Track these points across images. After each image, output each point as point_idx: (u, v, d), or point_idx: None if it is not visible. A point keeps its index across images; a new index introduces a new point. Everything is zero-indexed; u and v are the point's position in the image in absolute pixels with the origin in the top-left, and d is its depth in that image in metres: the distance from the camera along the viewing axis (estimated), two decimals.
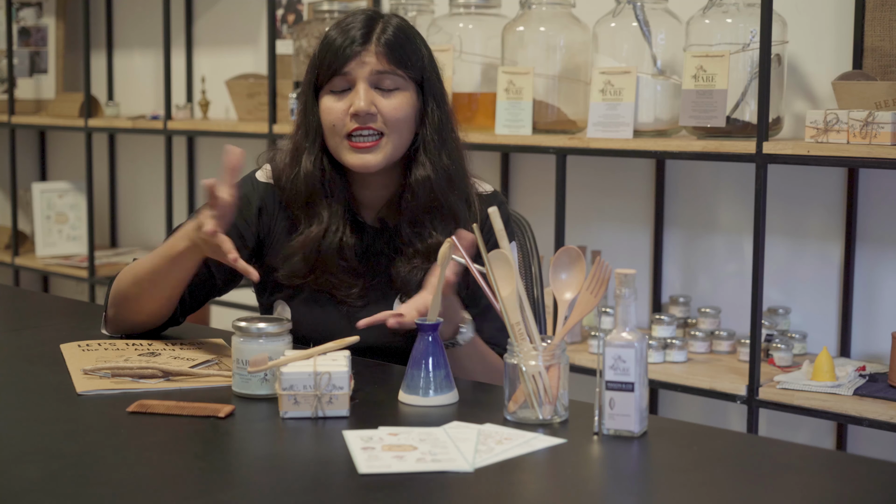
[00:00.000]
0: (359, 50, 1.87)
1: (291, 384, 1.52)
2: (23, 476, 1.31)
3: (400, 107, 1.88)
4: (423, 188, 1.90)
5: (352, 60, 1.87)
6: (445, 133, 1.93)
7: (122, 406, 1.57)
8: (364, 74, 1.87)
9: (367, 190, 1.95)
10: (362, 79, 1.87)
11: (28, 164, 4.81)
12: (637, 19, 2.75)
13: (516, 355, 1.51)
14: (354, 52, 1.87)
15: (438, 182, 1.91)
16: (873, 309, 2.73)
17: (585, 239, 3.17)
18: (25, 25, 4.55)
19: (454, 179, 1.93)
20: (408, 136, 1.91)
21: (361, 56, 1.87)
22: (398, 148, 1.90)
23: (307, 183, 1.92)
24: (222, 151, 1.75)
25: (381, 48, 1.87)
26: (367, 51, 1.87)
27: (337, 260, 1.91)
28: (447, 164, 1.92)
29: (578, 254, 1.57)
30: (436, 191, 1.90)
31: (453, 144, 1.95)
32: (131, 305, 1.91)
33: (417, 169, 1.91)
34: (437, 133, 1.92)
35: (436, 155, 1.91)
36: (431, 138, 1.91)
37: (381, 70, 1.87)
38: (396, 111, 1.88)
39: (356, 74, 1.87)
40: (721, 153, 2.56)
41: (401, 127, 1.89)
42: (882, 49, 2.61)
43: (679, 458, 1.43)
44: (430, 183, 1.90)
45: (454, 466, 1.33)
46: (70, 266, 4.23)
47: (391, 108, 1.88)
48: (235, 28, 4.08)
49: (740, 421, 2.92)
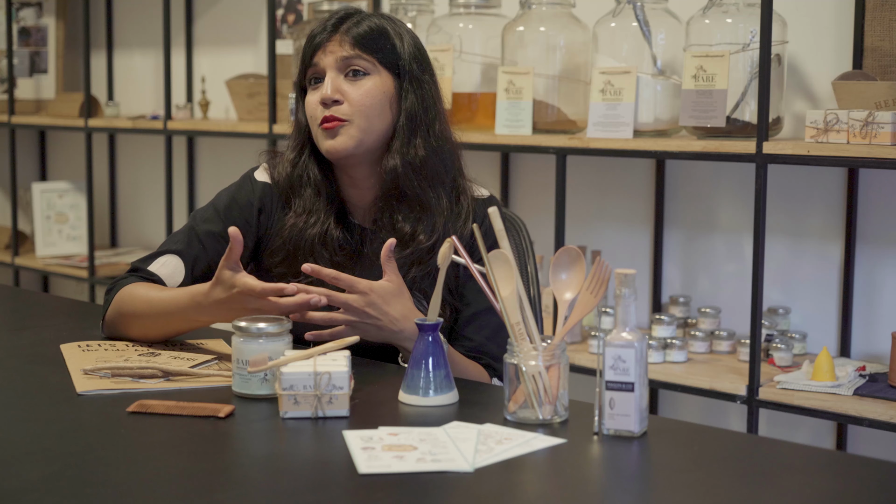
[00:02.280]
0: (325, 38, 1.91)
1: (291, 384, 1.52)
2: (23, 476, 1.31)
3: (368, 93, 1.89)
4: (391, 177, 1.90)
5: (319, 50, 1.91)
6: (422, 123, 1.92)
7: (122, 406, 1.57)
8: (330, 63, 1.90)
9: (356, 189, 1.96)
10: (330, 67, 1.90)
11: (28, 164, 4.81)
12: (637, 19, 2.75)
13: (516, 355, 1.51)
14: (321, 41, 1.91)
15: (405, 172, 1.89)
16: (873, 309, 2.73)
17: (585, 239, 3.17)
18: (25, 25, 4.55)
19: (426, 170, 1.91)
20: (380, 124, 1.90)
21: (328, 46, 1.90)
22: (368, 133, 1.89)
23: (289, 175, 1.95)
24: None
25: (347, 37, 1.89)
26: (332, 40, 1.90)
27: (321, 251, 1.91)
28: (421, 154, 1.90)
29: (578, 254, 1.57)
30: (401, 178, 1.89)
31: (433, 135, 1.93)
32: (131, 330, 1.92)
33: (388, 159, 1.91)
34: (411, 121, 1.91)
35: (405, 143, 1.90)
36: (403, 126, 1.91)
37: (346, 56, 1.89)
38: (364, 97, 1.88)
39: (324, 63, 1.90)
40: (721, 153, 2.56)
41: (369, 112, 1.88)
42: (882, 49, 2.61)
43: (679, 458, 1.42)
44: (395, 172, 1.90)
45: (454, 466, 1.33)
46: (70, 266, 4.23)
47: (358, 94, 1.88)
48: (235, 28, 4.08)
49: (740, 421, 2.92)
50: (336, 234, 1.92)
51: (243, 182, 2.00)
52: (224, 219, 1.95)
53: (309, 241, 1.91)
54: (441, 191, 1.93)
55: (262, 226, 1.97)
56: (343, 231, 1.94)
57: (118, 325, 1.92)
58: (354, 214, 1.97)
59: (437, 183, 1.93)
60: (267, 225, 1.97)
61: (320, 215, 1.92)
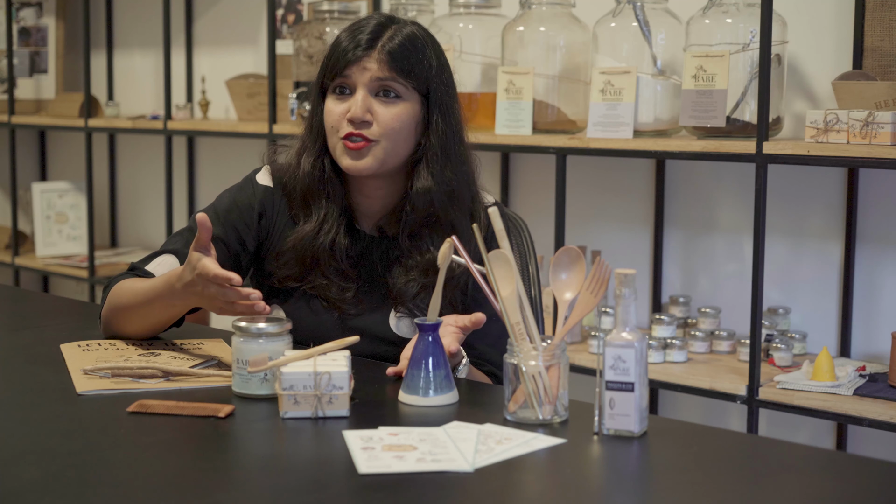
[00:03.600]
0: (361, 55, 1.86)
1: (291, 384, 1.52)
2: (23, 476, 1.31)
3: (397, 116, 1.87)
4: (423, 200, 1.89)
5: (353, 65, 1.86)
6: (451, 147, 1.91)
7: (122, 406, 1.57)
8: (364, 80, 1.86)
9: (365, 198, 1.95)
10: (362, 84, 1.86)
11: (28, 164, 4.81)
12: (637, 19, 2.75)
13: (516, 355, 1.51)
14: (357, 56, 1.86)
15: (439, 195, 1.89)
16: (873, 309, 2.73)
17: (585, 239, 3.17)
18: (25, 25, 4.55)
19: (456, 194, 1.91)
20: (404, 146, 1.89)
21: (363, 62, 1.86)
22: (391, 156, 1.88)
23: (305, 181, 1.93)
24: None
25: (384, 55, 1.86)
26: (369, 57, 1.86)
27: (329, 260, 1.90)
28: (450, 177, 1.90)
29: (578, 254, 1.57)
30: (435, 204, 1.89)
31: (460, 159, 1.93)
32: (122, 324, 1.92)
33: (418, 180, 1.89)
34: (441, 146, 1.90)
35: (438, 168, 1.89)
36: (434, 151, 1.89)
37: (381, 77, 1.86)
38: (393, 120, 1.86)
39: (356, 80, 1.87)
40: (721, 153, 2.56)
41: (395, 136, 1.87)
42: (882, 49, 2.61)
43: (679, 458, 1.43)
44: (429, 195, 1.89)
45: (454, 466, 1.33)
46: (70, 266, 4.23)
47: (388, 117, 1.86)
48: (235, 28, 4.08)
49: (740, 421, 2.92)
50: (344, 242, 1.92)
51: (245, 185, 1.99)
52: (224, 221, 1.94)
53: (320, 249, 1.90)
54: (467, 214, 1.93)
55: (264, 230, 1.96)
56: (349, 238, 1.93)
57: (113, 321, 1.93)
58: (360, 221, 1.97)
59: (464, 206, 1.93)
60: (268, 229, 1.96)
61: (333, 223, 1.92)
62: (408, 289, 1.89)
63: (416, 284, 1.89)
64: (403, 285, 1.89)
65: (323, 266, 1.90)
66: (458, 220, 1.91)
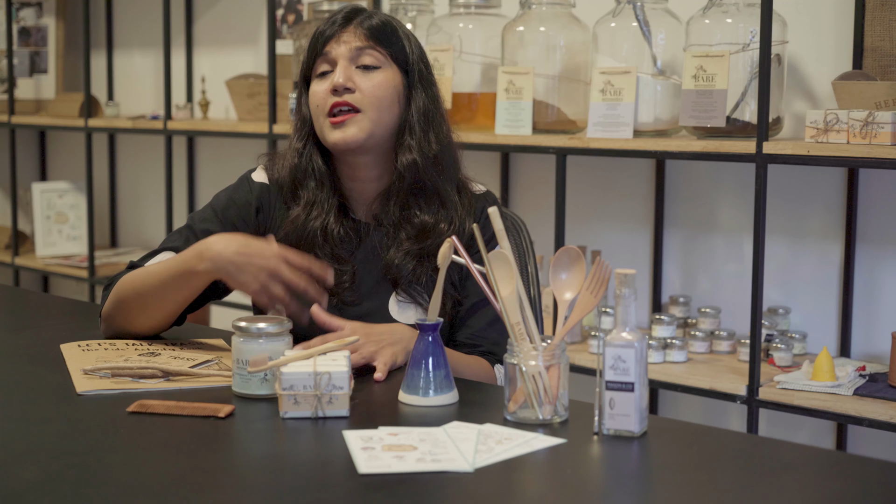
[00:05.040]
0: (338, 30, 1.91)
1: (291, 384, 1.52)
2: (23, 476, 1.31)
3: (379, 85, 1.90)
4: (410, 171, 1.91)
5: (332, 40, 1.91)
6: (433, 119, 1.94)
7: (122, 406, 1.57)
8: (343, 52, 1.90)
9: (357, 182, 1.96)
10: (342, 56, 1.90)
11: (28, 164, 4.81)
12: (637, 19, 2.75)
13: (516, 355, 1.51)
14: (334, 31, 1.91)
15: (425, 165, 1.91)
16: (873, 309, 2.73)
17: (585, 239, 3.17)
18: (25, 25, 4.55)
19: (441, 163, 1.94)
20: (389, 117, 1.92)
21: (341, 35, 1.91)
22: (377, 125, 1.90)
23: (292, 167, 1.96)
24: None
25: (362, 29, 1.91)
26: (346, 31, 1.91)
27: (322, 245, 1.91)
28: (435, 148, 1.93)
29: (578, 254, 1.57)
30: (421, 172, 1.91)
31: (441, 128, 1.96)
32: (131, 315, 1.91)
33: (404, 153, 1.92)
34: (424, 117, 1.93)
35: (422, 137, 1.92)
36: (418, 120, 1.93)
37: (360, 46, 1.90)
38: (375, 89, 1.89)
39: (336, 53, 1.91)
40: (721, 153, 2.56)
41: (380, 105, 1.90)
42: (882, 49, 2.61)
43: (679, 458, 1.43)
44: (416, 166, 1.91)
45: (454, 466, 1.33)
46: (70, 266, 4.23)
47: (370, 85, 1.89)
48: (235, 28, 4.08)
49: (740, 421, 2.92)
50: (336, 229, 1.92)
51: (241, 183, 2.01)
52: (222, 218, 1.95)
53: (311, 233, 1.91)
54: (452, 185, 1.96)
55: (261, 225, 1.97)
56: (343, 225, 1.94)
57: (119, 315, 1.91)
58: (354, 209, 1.98)
59: (449, 178, 1.95)
60: (266, 224, 1.97)
61: (323, 206, 1.93)
62: (404, 264, 1.90)
63: (411, 258, 1.90)
64: (400, 260, 1.91)
65: (317, 251, 1.91)
66: (444, 188, 1.94)
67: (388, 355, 1.74)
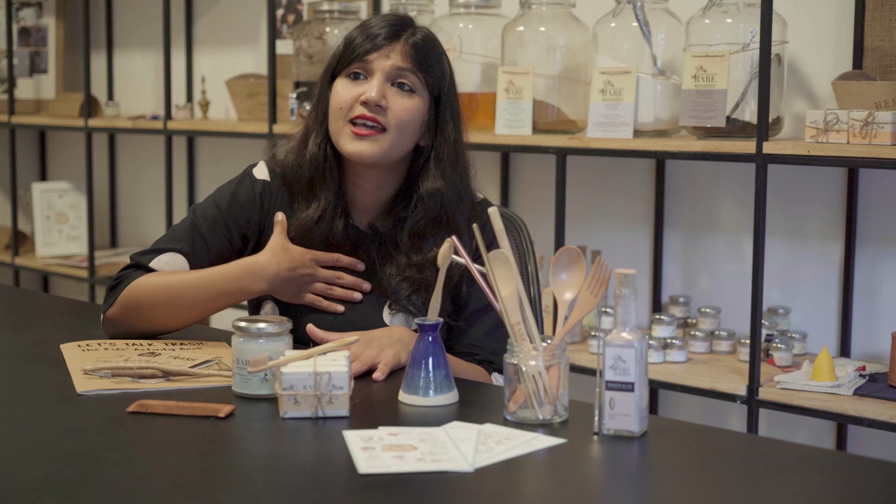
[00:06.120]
0: (385, 43, 1.89)
1: (291, 384, 1.52)
2: (23, 476, 1.31)
3: (411, 109, 1.89)
4: (433, 201, 1.90)
5: (376, 51, 1.88)
6: (458, 150, 1.94)
7: (122, 406, 1.57)
8: (384, 67, 1.88)
9: (360, 190, 1.96)
10: (381, 71, 1.88)
11: (28, 164, 4.81)
12: (637, 19, 2.75)
13: (516, 355, 1.51)
14: (380, 44, 1.88)
15: (449, 197, 1.91)
16: (873, 309, 2.73)
17: (585, 239, 3.17)
18: (25, 25, 4.55)
19: (462, 196, 1.94)
20: (408, 141, 1.91)
21: (386, 49, 1.89)
22: (396, 148, 1.89)
23: (312, 164, 1.93)
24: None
25: (408, 47, 1.89)
26: (392, 47, 1.89)
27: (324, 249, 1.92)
28: (458, 180, 1.93)
29: (578, 254, 1.57)
30: (446, 205, 1.91)
31: (465, 162, 1.96)
32: (149, 316, 1.91)
33: (429, 181, 1.91)
34: (452, 149, 1.93)
35: (449, 170, 1.92)
36: (447, 153, 1.92)
37: (402, 67, 1.88)
38: (405, 112, 1.88)
39: (376, 65, 1.88)
40: (721, 153, 2.56)
41: (405, 129, 1.89)
42: (882, 49, 2.61)
43: (679, 458, 1.43)
44: (441, 197, 1.90)
45: (454, 466, 1.33)
46: (70, 266, 4.23)
47: (402, 107, 1.88)
48: (235, 28, 4.08)
49: (740, 421, 2.92)
50: (339, 236, 1.93)
51: (243, 179, 2.00)
52: (227, 218, 1.96)
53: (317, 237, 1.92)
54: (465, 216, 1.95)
55: (261, 222, 1.97)
56: (343, 230, 1.94)
57: (134, 317, 1.91)
58: (353, 216, 1.97)
59: (466, 208, 1.95)
60: (265, 221, 1.97)
61: (332, 214, 1.93)
62: (402, 287, 1.90)
63: (411, 283, 1.90)
64: (398, 283, 1.90)
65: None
66: (461, 223, 1.93)
67: (391, 356, 1.74)
